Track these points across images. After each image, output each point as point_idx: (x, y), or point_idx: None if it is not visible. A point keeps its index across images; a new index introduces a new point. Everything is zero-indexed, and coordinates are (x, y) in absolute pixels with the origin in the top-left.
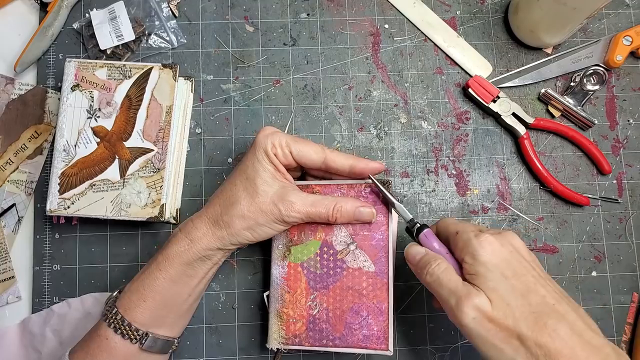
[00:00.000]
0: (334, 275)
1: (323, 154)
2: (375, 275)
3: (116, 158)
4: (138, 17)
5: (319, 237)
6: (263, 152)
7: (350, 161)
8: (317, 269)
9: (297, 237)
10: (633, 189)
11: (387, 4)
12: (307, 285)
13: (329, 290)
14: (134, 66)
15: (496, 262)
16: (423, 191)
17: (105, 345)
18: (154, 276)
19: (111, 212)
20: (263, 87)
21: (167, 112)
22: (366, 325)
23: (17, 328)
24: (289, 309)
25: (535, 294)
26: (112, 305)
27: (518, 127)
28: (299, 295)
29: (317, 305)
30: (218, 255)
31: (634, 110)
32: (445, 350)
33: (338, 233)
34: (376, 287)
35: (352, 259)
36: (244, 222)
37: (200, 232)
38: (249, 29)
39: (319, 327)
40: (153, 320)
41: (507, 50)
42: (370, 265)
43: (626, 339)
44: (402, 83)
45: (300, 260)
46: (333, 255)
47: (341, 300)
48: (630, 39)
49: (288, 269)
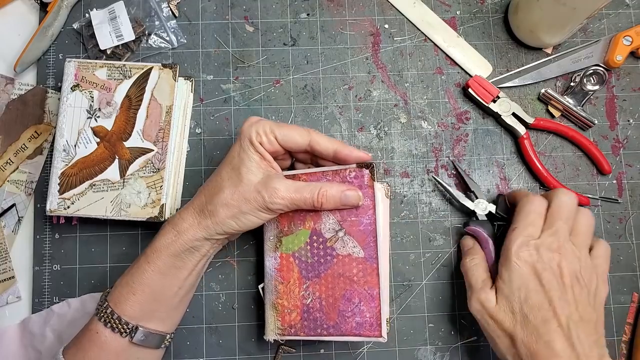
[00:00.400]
0: (324, 264)
1: (308, 136)
2: (365, 261)
3: (116, 158)
4: (138, 17)
5: (308, 226)
6: (248, 141)
7: (335, 145)
8: (308, 258)
9: (287, 227)
10: (633, 189)
11: (387, 4)
12: (299, 275)
13: (320, 279)
14: (134, 66)
15: (522, 273)
16: (423, 191)
17: (96, 339)
18: (143, 269)
19: (111, 212)
20: (263, 87)
21: (167, 112)
22: (359, 312)
23: (17, 328)
24: (284, 299)
25: (546, 312)
26: (103, 299)
27: (518, 127)
28: (292, 286)
29: (310, 294)
30: (206, 246)
31: (634, 110)
32: (446, 350)
33: (326, 220)
34: (366, 273)
35: (342, 246)
36: (228, 210)
37: (187, 222)
38: (249, 29)
39: (313, 317)
40: (143, 313)
41: (507, 50)
42: (360, 251)
43: (626, 339)
44: (402, 83)
45: (292, 251)
46: (323, 243)
47: (333, 288)
48: (630, 39)
49: (280, 259)
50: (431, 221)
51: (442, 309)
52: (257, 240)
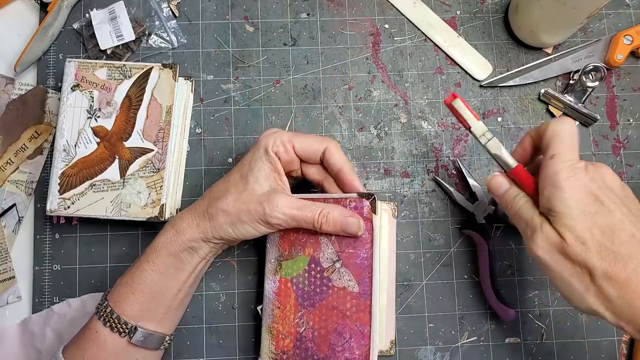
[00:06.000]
0: (320, 294)
1: (325, 144)
2: (359, 296)
3: (116, 158)
4: (138, 17)
5: (308, 253)
6: (263, 149)
7: (344, 165)
8: (305, 286)
9: (288, 251)
10: (633, 189)
11: (387, 4)
12: (295, 302)
13: (315, 309)
14: (134, 66)
15: (579, 198)
16: (423, 191)
17: (95, 338)
18: (142, 268)
19: (111, 212)
20: (263, 87)
21: (167, 112)
22: (349, 347)
23: (17, 328)
24: (279, 324)
25: (621, 232)
26: (104, 298)
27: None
28: (288, 312)
29: (304, 323)
30: (204, 248)
31: (635, 110)
32: (446, 350)
33: (325, 249)
34: (359, 309)
35: (338, 278)
36: (227, 217)
37: (185, 222)
38: (249, 29)
39: (305, 346)
40: (142, 313)
41: (508, 50)
42: (355, 285)
43: (626, 340)
44: (402, 83)
45: (290, 276)
46: (320, 272)
47: (326, 320)
48: (630, 38)
49: (279, 283)
50: (431, 221)
51: (442, 309)
52: (257, 241)
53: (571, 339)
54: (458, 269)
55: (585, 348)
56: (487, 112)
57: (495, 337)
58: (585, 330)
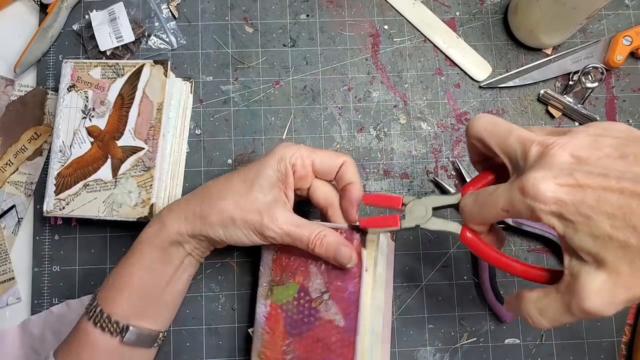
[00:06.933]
0: (307, 324)
1: (342, 157)
2: (344, 332)
3: (109, 157)
4: (138, 19)
5: (298, 281)
6: (277, 159)
7: (357, 182)
8: (294, 314)
9: (279, 277)
10: None
11: (386, 5)
12: (284, 329)
13: (301, 339)
14: (126, 64)
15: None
16: (423, 192)
17: (85, 340)
18: (129, 263)
19: (103, 213)
20: (262, 88)
21: (157, 109)
22: None
23: (17, 329)
24: (267, 349)
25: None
26: (93, 298)
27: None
28: (276, 338)
29: (292, 351)
30: (191, 243)
31: (634, 110)
32: (445, 351)
33: (314, 279)
34: (343, 344)
35: (325, 310)
36: (221, 217)
37: (172, 215)
38: (248, 30)
39: None
40: (132, 311)
41: (507, 51)
42: (340, 319)
43: (626, 340)
44: (401, 84)
45: (281, 302)
46: (308, 302)
47: (311, 352)
48: (630, 39)
49: (270, 308)
50: None
51: (442, 309)
52: None
53: (571, 340)
54: (457, 270)
55: (585, 349)
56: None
57: (495, 338)
58: (585, 331)
